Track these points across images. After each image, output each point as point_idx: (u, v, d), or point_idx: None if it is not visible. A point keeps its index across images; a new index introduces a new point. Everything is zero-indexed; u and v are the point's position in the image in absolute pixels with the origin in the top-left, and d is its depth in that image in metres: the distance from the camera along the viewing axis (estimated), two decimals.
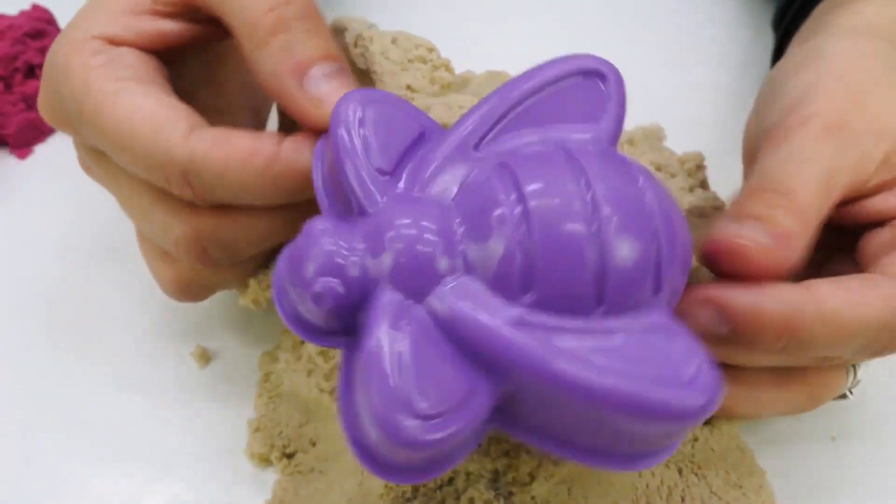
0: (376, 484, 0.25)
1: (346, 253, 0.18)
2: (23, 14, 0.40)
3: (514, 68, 0.34)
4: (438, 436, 0.16)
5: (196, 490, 0.28)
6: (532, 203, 0.18)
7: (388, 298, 0.17)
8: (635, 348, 0.18)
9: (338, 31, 0.28)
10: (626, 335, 0.18)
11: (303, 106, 0.23)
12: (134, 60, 0.25)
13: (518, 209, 0.18)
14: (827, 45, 0.26)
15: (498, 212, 0.18)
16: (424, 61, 0.27)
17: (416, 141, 0.21)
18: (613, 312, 0.18)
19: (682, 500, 0.26)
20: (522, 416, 0.18)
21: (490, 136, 0.20)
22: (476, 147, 0.20)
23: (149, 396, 0.30)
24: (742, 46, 0.43)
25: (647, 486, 0.26)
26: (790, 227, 0.22)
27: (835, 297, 0.21)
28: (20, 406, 0.30)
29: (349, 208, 0.20)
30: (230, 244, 0.26)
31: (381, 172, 0.19)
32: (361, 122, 0.20)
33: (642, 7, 0.45)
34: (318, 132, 0.23)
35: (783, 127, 0.24)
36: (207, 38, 0.26)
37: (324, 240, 0.18)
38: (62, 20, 0.41)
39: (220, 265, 0.27)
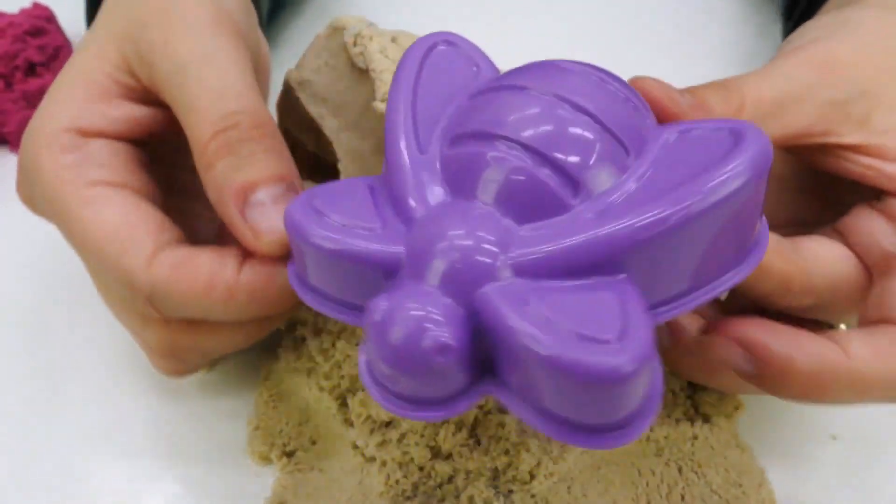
0: (376, 482, 0.25)
1: (421, 299, 0.17)
2: (23, 12, 0.40)
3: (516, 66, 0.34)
4: (638, 346, 0.16)
5: (197, 488, 0.28)
6: (515, 133, 0.18)
7: (491, 297, 0.17)
8: (682, 152, 0.19)
9: (336, 30, 0.28)
10: (665, 150, 0.19)
11: (243, 235, 0.22)
12: (106, 157, 0.24)
13: (503, 145, 0.18)
14: (853, 15, 0.26)
15: (492, 154, 0.18)
16: None
17: (374, 194, 0.20)
18: (638, 156, 0.19)
19: (682, 498, 0.26)
20: (663, 289, 0.18)
21: (421, 140, 0.20)
22: (422, 152, 0.20)
23: (150, 395, 0.30)
24: (746, 44, 0.43)
25: (647, 484, 0.26)
26: (713, 102, 0.22)
27: (865, 357, 0.21)
28: (21, 404, 0.30)
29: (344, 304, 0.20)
30: (203, 351, 0.25)
31: (374, 230, 0.19)
32: (320, 214, 0.19)
33: (644, 5, 0.45)
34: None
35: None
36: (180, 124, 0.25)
37: (395, 314, 0.17)
38: (62, 18, 0.41)
39: (196, 364, 0.27)
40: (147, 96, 0.25)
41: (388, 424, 0.25)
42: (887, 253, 0.23)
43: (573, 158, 0.18)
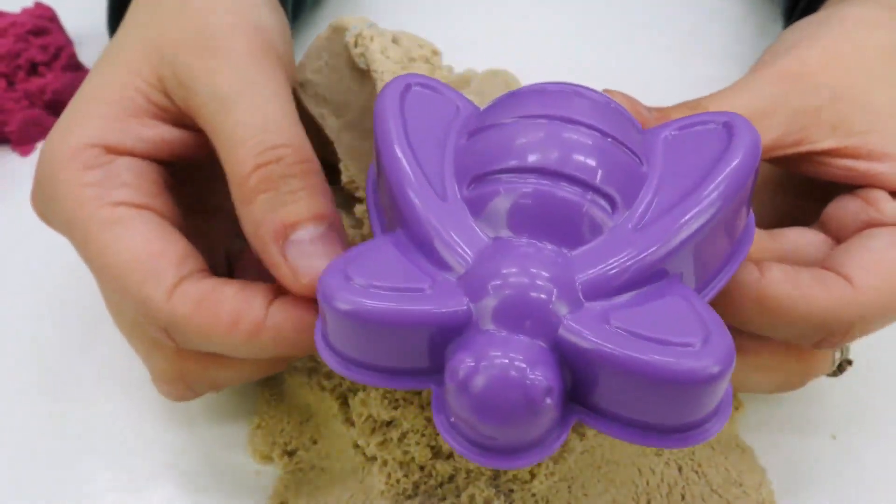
0: (377, 481, 0.25)
1: (503, 346, 0.17)
2: (25, 11, 0.40)
3: (517, 66, 0.34)
4: (724, 348, 0.17)
5: (198, 487, 0.28)
6: (540, 162, 0.19)
7: (573, 327, 0.17)
8: (685, 150, 0.20)
9: (337, 31, 0.28)
10: (669, 151, 0.20)
11: (282, 273, 0.21)
12: (130, 177, 0.23)
13: (529, 177, 0.19)
14: (838, 10, 0.26)
15: (521, 187, 0.19)
16: (426, 61, 0.27)
17: (402, 251, 0.19)
18: (648, 161, 0.20)
19: (683, 497, 0.26)
20: (691, 284, 0.19)
21: (435, 187, 0.20)
22: (442, 200, 0.20)
23: (151, 394, 0.30)
24: (748, 42, 0.43)
25: (648, 483, 0.26)
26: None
27: (781, 286, 0.21)
28: (22, 402, 0.30)
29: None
30: (213, 381, 0.25)
31: (423, 290, 0.18)
32: (352, 280, 0.18)
33: (644, 5, 0.45)
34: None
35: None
36: (210, 148, 0.24)
37: (482, 366, 0.17)
38: (64, 17, 0.41)
39: (203, 392, 0.26)
40: (180, 119, 0.24)
41: (388, 424, 0.26)
42: (857, 228, 0.23)
43: (603, 177, 0.19)
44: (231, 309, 0.21)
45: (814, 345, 0.23)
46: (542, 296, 0.17)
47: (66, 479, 0.28)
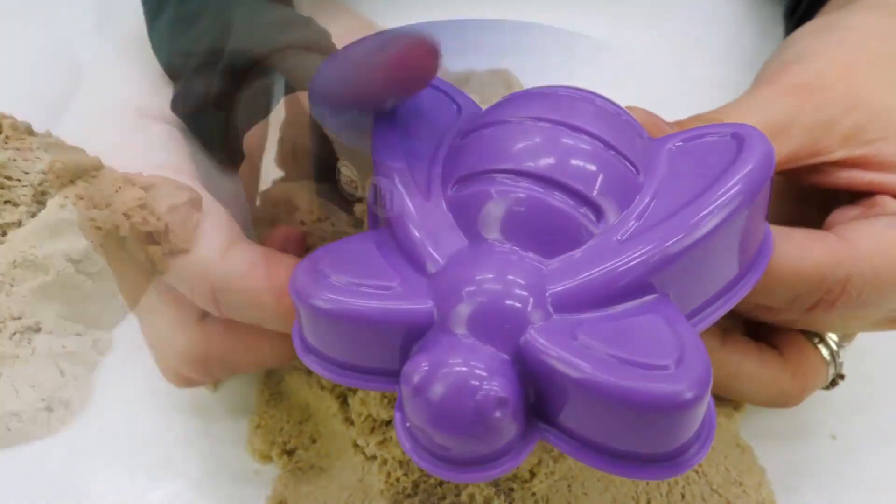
0: (377, 480, 0.25)
1: (462, 353, 0.16)
2: None
3: (517, 66, 0.34)
4: (699, 371, 0.16)
5: (198, 487, 0.28)
6: (527, 166, 0.18)
7: (538, 340, 0.16)
8: (689, 162, 0.19)
9: None
10: (672, 162, 0.20)
11: None
12: (167, 142, 0.23)
13: (516, 180, 0.18)
14: (846, 17, 0.26)
15: (506, 191, 0.18)
16: None
17: (381, 249, 0.19)
18: (647, 171, 0.19)
19: (683, 496, 0.26)
20: (691, 302, 0.18)
21: (419, 186, 0.20)
22: (425, 199, 0.19)
23: (151, 394, 0.30)
24: (750, 43, 0.43)
25: (648, 482, 0.26)
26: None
27: (775, 241, 0.21)
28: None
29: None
30: (232, 364, 0.25)
31: (393, 288, 0.18)
32: (327, 277, 0.18)
33: (647, 3, 0.45)
34: None
35: (755, 84, 0.24)
36: None
37: (438, 372, 0.16)
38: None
39: (216, 377, 0.26)
40: None
41: (388, 423, 0.26)
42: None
43: (591, 184, 0.18)
44: (285, 275, 0.21)
45: (809, 308, 0.22)
46: (517, 304, 0.17)
47: (66, 478, 0.28)
